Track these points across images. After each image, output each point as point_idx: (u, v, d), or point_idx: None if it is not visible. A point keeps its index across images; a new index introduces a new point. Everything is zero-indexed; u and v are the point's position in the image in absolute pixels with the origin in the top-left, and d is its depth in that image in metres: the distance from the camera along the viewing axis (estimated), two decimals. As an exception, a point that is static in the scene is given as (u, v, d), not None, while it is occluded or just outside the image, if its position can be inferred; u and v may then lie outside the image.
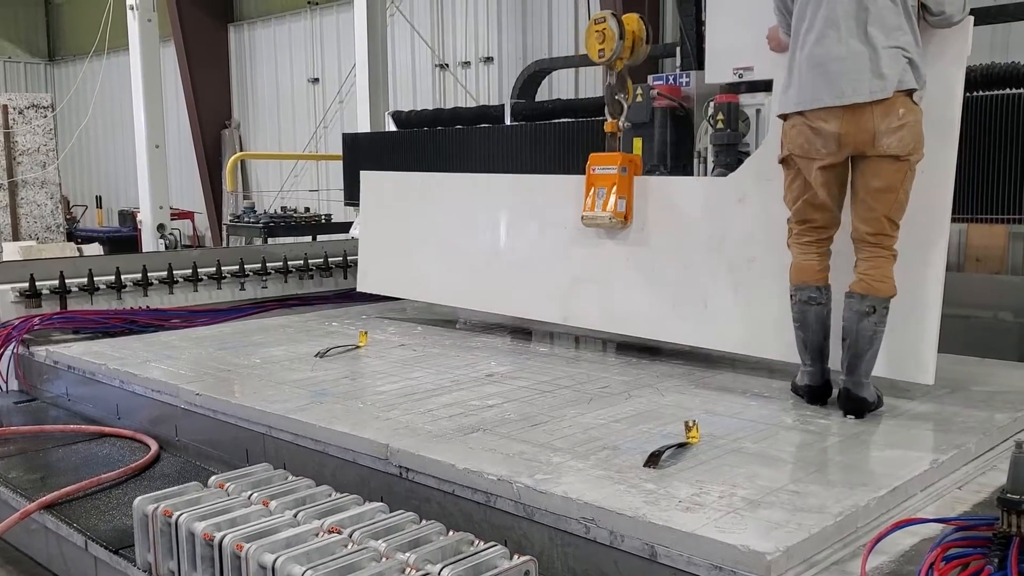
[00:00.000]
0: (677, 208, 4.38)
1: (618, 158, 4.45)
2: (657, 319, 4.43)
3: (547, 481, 2.71)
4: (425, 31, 11.24)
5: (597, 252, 4.62)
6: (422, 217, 5.53)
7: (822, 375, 3.54)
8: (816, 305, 3.46)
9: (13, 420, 4.84)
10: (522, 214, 5.01)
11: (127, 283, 5.94)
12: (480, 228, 5.23)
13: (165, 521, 2.79)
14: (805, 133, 3.34)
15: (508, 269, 5.07)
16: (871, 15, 3.23)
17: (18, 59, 19.55)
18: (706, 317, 4.22)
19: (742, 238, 4.08)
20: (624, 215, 4.42)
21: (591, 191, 4.49)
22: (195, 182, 15.03)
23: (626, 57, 4.45)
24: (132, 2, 10.40)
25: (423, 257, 5.49)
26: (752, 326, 4.05)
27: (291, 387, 3.99)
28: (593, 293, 4.67)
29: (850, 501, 2.54)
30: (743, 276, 4.07)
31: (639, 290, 4.47)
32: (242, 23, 14.59)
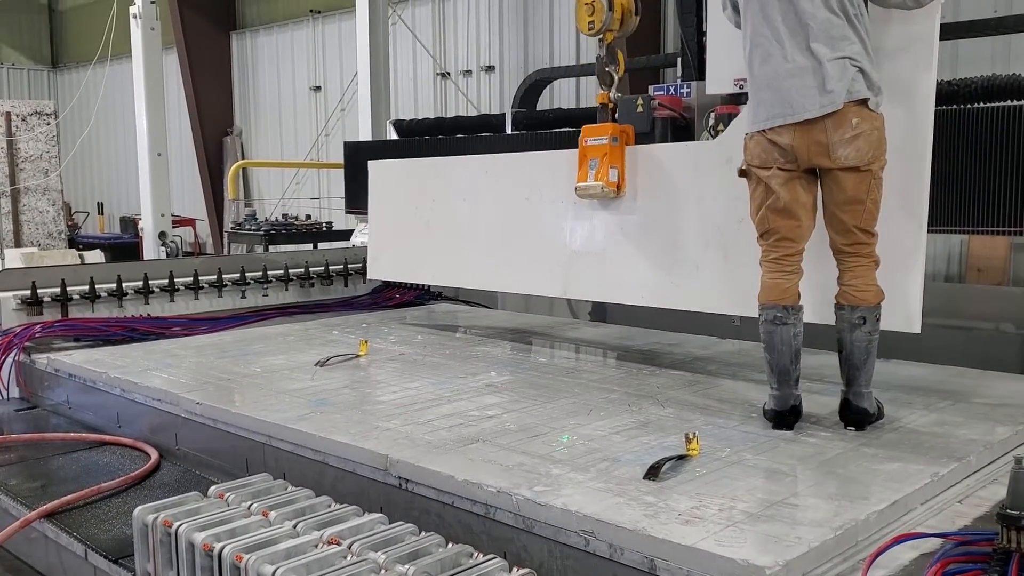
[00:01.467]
0: (667, 174, 4.41)
1: (609, 128, 4.47)
2: (652, 286, 4.49)
3: (546, 493, 2.71)
4: (427, 40, 11.27)
5: (592, 224, 4.69)
6: (426, 201, 5.65)
7: (789, 399, 3.44)
8: (782, 325, 3.38)
9: (14, 428, 4.84)
10: (521, 192, 5.07)
11: (128, 291, 5.93)
12: (481, 208, 5.33)
13: (165, 531, 2.79)
14: (762, 144, 3.35)
15: (509, 247, 5.16)
16: (812, 30, 3.21)
17: (22, 66, 19.60)
18: (699, 281, 4.26)
19: (731, 199, 4.07)
20: (616, 184, 4.45)
21: (584, 163, 4.53)
22: (197, 189, 15.05)
23: (616, 29, 4.48)
24: (135, 10, 10.43)
25: (428, 241, 5.61)
26: (743, 288, 3.97)
27: (291, 396, 3.99)
28: (590, 264, 4.73)
29: (850, 515, 2.54)
30: (733, 237, 4.09)
31: (634, 258, 4.52)
32: (244, 31, 14.63)
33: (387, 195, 5.99)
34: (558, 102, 9.45)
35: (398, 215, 5.86)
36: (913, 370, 4.39)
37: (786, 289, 3.40)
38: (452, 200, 5.49)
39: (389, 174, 6.11)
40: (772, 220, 3.39)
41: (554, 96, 9.39)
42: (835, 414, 3.57)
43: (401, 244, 5.85)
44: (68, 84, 19.36)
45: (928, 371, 4.34)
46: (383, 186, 6.06)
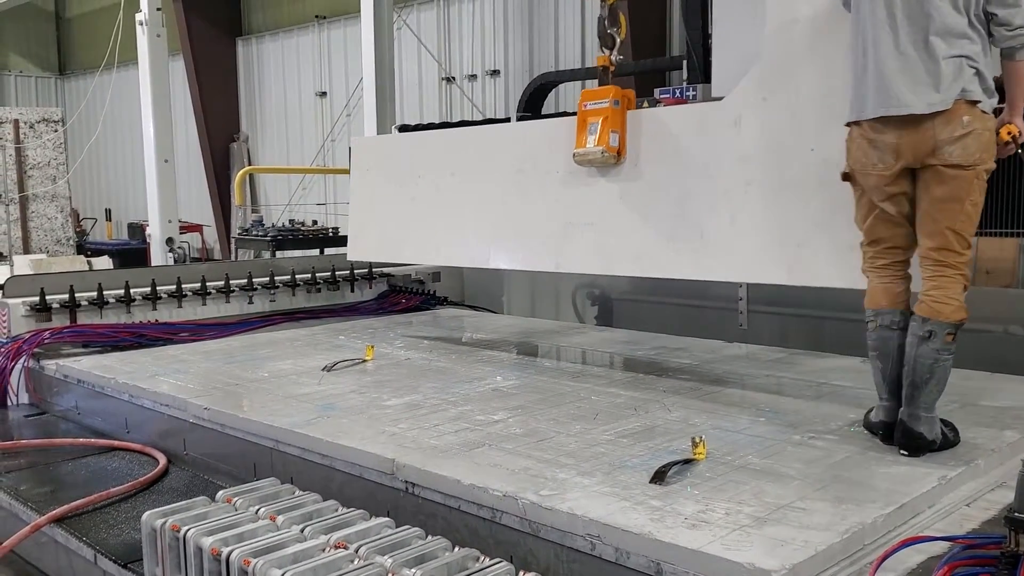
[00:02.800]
0: (671, 138, 4.26)
1: (610, 91, 4.35)
2: (652, 256, 4.32)
3: (552, 497, 2.71)
4: (432, 45, 11.30)
5: (589, 193, 4.50)
6: (411, 177, 5.46)
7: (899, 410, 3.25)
8: (898, 331, 3.20)
9: (23, 433, 4.87)
10: (512, 163, 4.90)
11: (136, 297, 5.96)
12: (470, 182, 5.14)
13: (173, 536, 2.80)
14: (862, 146, 3.19)
15: (499, 221, 4.98)
16: (934, 21, 3.02)
17: (29, 73, 19.70)
18: (703, 248, 4.11)
19: (738, 162, 3.98)
20: (617, 150, 4.31)
21: (583, 128, 4.39)
22: (203, 195, 15.11)
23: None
24: (141, 18, 10.48)
25: (413, 218, 5.43)
26: (751, 253, 3.95)
27: (298, 401, 4.01)
28: (586, 236, 4.54)
29: (857, 518, 2.54)
30: (740, 201, 3.97)
31: (633, 227, 4.36)
32: (250, 37, 14.69)
33: (370, 172, 5.78)
34: (563, 106, 9.45)
35: (381, 192, 5.66)
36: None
37: (898, 294, 3.25)
38: (439, 174, 5.30)
39: (372, 150, 5.94)
40: (879, 229, 3.27)
41: (559, 100, 9.39)
42: (843, 418, 3.58)
43: (384, 222, 5.62)
44: (75, 91, 19.45)
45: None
46: (366, 163, 5.85)
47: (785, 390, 4.15)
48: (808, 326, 5.62)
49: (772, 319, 5.84)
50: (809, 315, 5.66)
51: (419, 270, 7.20)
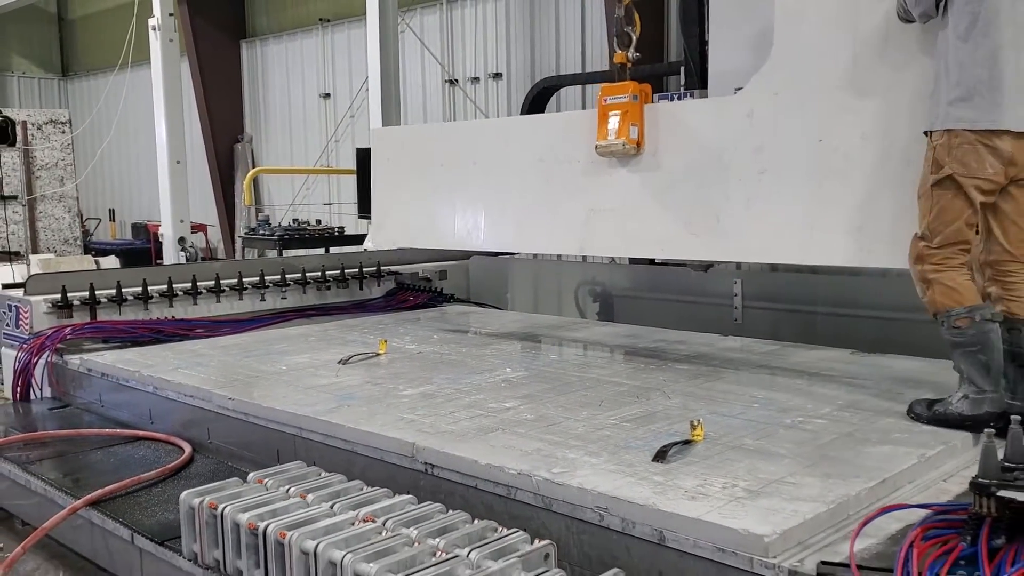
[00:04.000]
0: (688, 130, 4.54)
1: (629, 87, 4.62)
2: (671, 239, 4.61)
3: (564, 474, 2.94)
4: (435, 47, 11.50)
5: (611, 181, 4.77)
6: (434, 166, 5.71)
7: (1003, 400, 3.37)
8: (996, 322, 3.35)
9: (49, 425, 5.07)
10: (535, 153, 5.14)
11: (153, 294, 6.14)
12: (492, 170, 5.40)
13: (211, 513, 3.02)
14: (977, 153, 3.26)
15: (522, 208, 5.25)
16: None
17: (32, 75, 19.86)
18: (719, 232, 4.37)
19: (752, 152, 4.24)
20: (637, 141, 4.58)
21: (604, 121, 4.66)
22: (208, 195, 15.28)
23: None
24: (154, 23, 10.68)
25: (436, 206, 5.66)
26: (766, 235, 4.24)
27: (318, 392, 4.22)
28: (609, 222, 4.82)
29: (842, 491, 2.77)
30: (754, 189, 4.23)
31: (653, 213, 4.63)
32: (254, 39, 14.87)
33: (392, 162, 6.03)
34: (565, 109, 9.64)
35: (402, 181, 5.91)
36: (908, 363, 4.61)
37: (980, 290, 3.43)
38: (462, 163, 5.56)
39: (394, 140, 6.22)
40: (965, 233, 3.36)
41: (561, 103, 9.59)
42: (832, 404, 3.80)
43: (406, 210, 5.87)
44: (79, 92, 19.61)
45: (922, 364, 4.55)
46: (388, 153, 6.08)
47: (778, 379, 4.38)
48: (800, 320, 5.84)
49: (765, 314, 6.06)
50: (801, 310, 5.88)
51: (426, 268, 7.41)
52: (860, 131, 3.87)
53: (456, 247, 5.96)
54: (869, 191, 3.87)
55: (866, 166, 3.86)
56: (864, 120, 3.86)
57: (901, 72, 3.73)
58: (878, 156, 3.82)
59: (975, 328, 3.34)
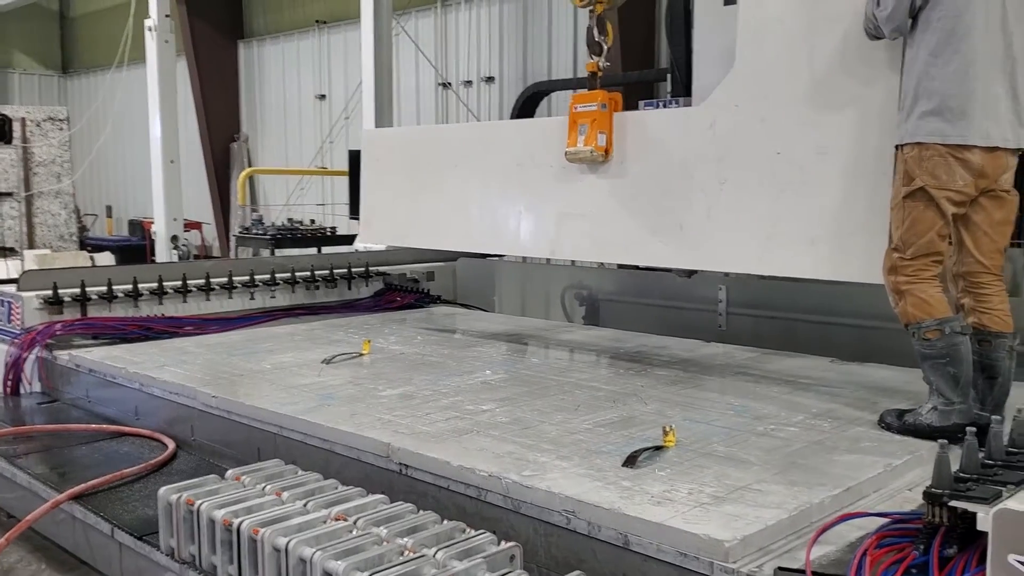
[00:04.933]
0: (653, 139, 4.64)
1: (598, 95, 4.73)
2: (637, 245, 4.73)
3: (533, 477, 2.99)
4: (429, 50, 11.58)
5: (581, 187, 4.89)
6: (418, 167, 5.84)
7: (972, 411, 3.42)
8: (965, 335, 3.40)
9: (37, 420, 5.12)
10: (512, 157, 5.28)
11: (143, 292, 6.19)
12: (472, 173, 5.54)
13: (188, 509, 3.07)
14: (948, 165, 3.32)
15: (498, 210, 5.38)
16: (1018, 63, 3.31)
17: (33, 71, 19.93)
18: (682, 240, 4.49)
19: (714, 162, 4.34)
20: (605, 149, 4.69)
21: (574, 129, 4.77)
22: (203, 193, 15.34)
23: (606, 2, 4.75)
24: (150, 24, 10.75)
25: (419, 205, 5.80)
26: (726, 245, 4.32)
27: (300, 391, 4.28)
28: (579, 226, 4.96)
29: (806, 498, 2.82)
30: (715, 198, 4.33)
31: (620, 219, 4.75)
32: (251, 40, 14.95)
33: (379, 162, 6.17)
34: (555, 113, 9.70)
35: (390, 181, 6.04)
36: (885, 373, 4.66)
37: (952, 302, 3.48)
38: (443, 166, 5.69)
39: (382, 141, 6.36)
40: (938, 244, 3.41)
41: (552, 107, 9.66)
42: (807, 411, 3.86)
43: (392, 209, 6.02)
44: (78, 89, 19.67)
45: (900, 374, 4.59)
46: (376, 153, 6.24)
47: (755, 386, 4.43)
48: (783, 327, 5.89)
49: (750, 320, 6.12)
50: (784, 317, 5.94)
51: (414, 269, 7.47)
52: (817, 145, 3.95)
53: (436, 247, 6.12)
54: (823, 205, 3.95)
55: (822, 180, 3.94)
56: (821, 135, 3.93)
57: (858, 89, 3.81)
58: (834, 171, 3.90)
59: (944, 340, 3.39)
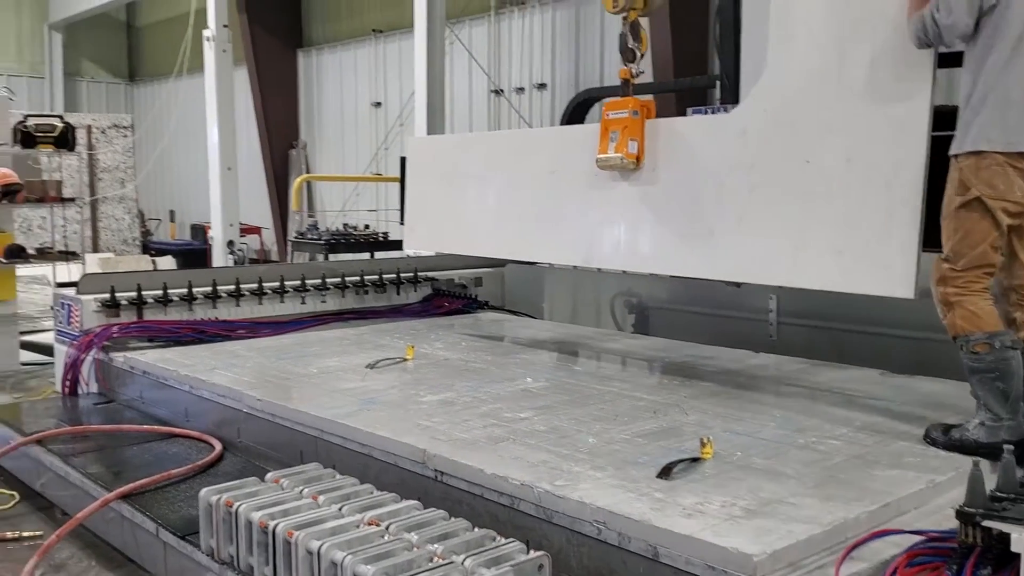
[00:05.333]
0: (684, 146, 4.57)
1: (630, 102, 4.67)
2: (667, 254, 4.67)
3: (565, 487, 2.99)
4: (482, 58, 11.65)
5: (612, 195, 4.84)
6: (457, 174, 5.88)
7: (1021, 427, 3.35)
8: (1016, 350, 3.32)
9: (92, 419, 5.27)
10: (546, 165, 5.25)
11: (198, 295, 6.32)
12: (508, 181, 5.55)
13: (227, 510, 3.14)
14: (1006, 175, 3.26)
15: (534, 218, 5.34)
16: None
17: (101, 79, 20.56)
18: (713, 249, 4.41)
19: (744, 169, 4.26)
20: (636, 156, 4.62)
21: (605, 136, 4.72)
22: (263, 199, 15.65)
23: (639, 8, 4.66)
24: (209, 34, 11.01)
25: (459, 213, 5.84)
26: (756, 255, 4.25)
27: (342, 395, 4.33)
28: (610, 235, 4.92)
29: (841, 513, 2.77)
30: (745, 207, 4.26)
31: (651, 227, 4.71)
32: (311, 49, 15.22)
33: (422, 169, 6.24)
34: (608, 119, 9.67)
35: (432, 188, 6.09)
36: (935, 386, 4.55)
37: (1003, 316, 3.41)
38: (478, 173, 5.73)
39: (425, 149, 6.45)
40: (991, 256, 3.35)
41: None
42: (850, 424, 3.79)
43: (434, 216, 6.08)
44: (143, 97, 20.22)
45: (950, 387, 4.49)
46: (419, 160, 6.32)
47: (801, 398, 4.36)
48: (834, 339, 5.79)
49: (800, 331, 6.02)
50: (836, 328, 5.83)
51: (462, 275, 7.51)
52: (845, 153, 3.86)
53: (472, 253, 6.14)
54: (851, 215, 3.86)
55: (849, 189, 3.86)
56: (849, 142, 3.85)
57: (887, 95, 3.72)
58: (861, 180, 3.82)
59: (994, 355, 3.32)
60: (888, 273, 3.73)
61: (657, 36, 9.30)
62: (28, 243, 9.79)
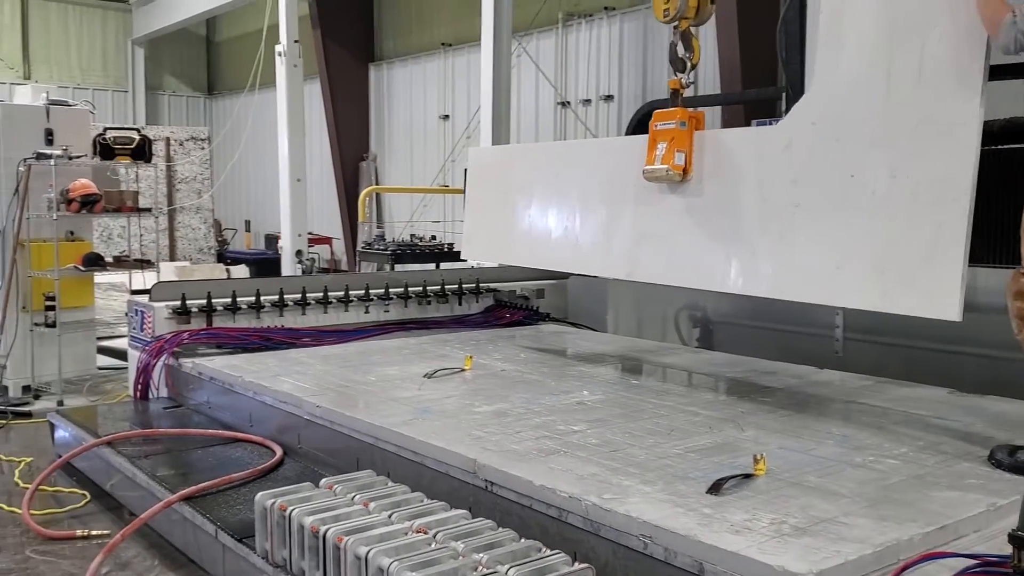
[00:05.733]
0: (730, 159, 4.46)
1: (678, 113, 4.57)
2: (710, 269, 4.54)
3: (613, 501, 2.98)
4: (549, 70, 11.71)
5: (659, 207, 4.75)
6: (512, 185, 5.87)
7: None
8: None
9: (162, 423, 5.45)
10: (596, 176, 5.19)
11: (265, 304, 6.47)
12: (558, 191, 5.50)
13: (280, 514, 3.21)
14: None
15: (581, 229, 5.29)
16: None
17: (181, 93, 21.26)
18: (754, 266, 4.29)
19: (788, 184, 4.15)
20: (683, 168, 4.52)
21: (653, 146, 4.63)
22: (335, 210, 15.96)
23: (691, 16, 4.57)
24: (280, 49, 11.31)
25: (513, 223, 5.81)
26: (798, 273, 4.13)
27: (399, 404, 4.39)
28: (656, 247, 4.82)
29: (895, 534, 2.70)
30: (788, 223, 4.13)
31: (696, 241, 4.59)
32: (382, 62, 15.49)
33: (480, 179, 6.27)
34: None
35: (488, 198, 6.11)
36: (1007, 406, 4.41)
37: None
38: (529, 183, 5.71)
39: (484, 159, 6.48)
40: None
41: (670, 126, 9.59)
42: (911, 444, 3.69)
43: (491, 226, 6.08)
44: (221, 110, 20.83)
45: (1019, 407, 4.35)
46: (478, 171, 6.36)
47: (862, 416, 4.27)
48: (903, 356, 5.64)
49: (868, 348, 5.88)
50: (905, 345, 5.68)
51: (524, 286, 7.54)
52: (890, 169, 3.72)
53: (522, 264, 6.10)
54: (895, 232, 3.72)
55: (893, 205, 3.73)
56: (895, 157, 3.71)
57: (933, 110, 3.59)
58: (906, 196, 3.67)
59: None
60: (932, 294, 3.57)
61: (726, 46, 9.22)
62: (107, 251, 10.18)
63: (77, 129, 7.55)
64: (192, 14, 17.43)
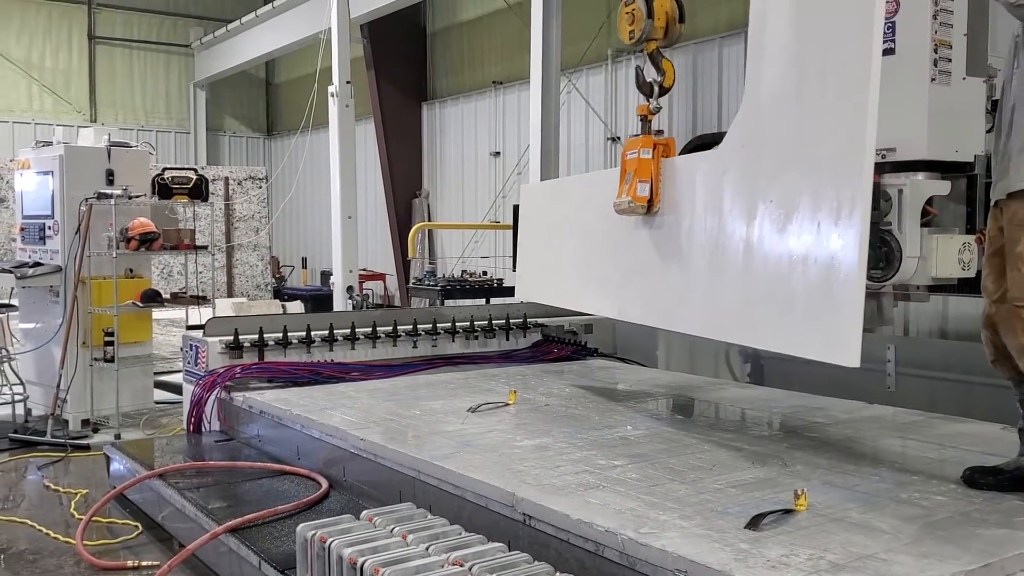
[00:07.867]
0: (685, 189, 4.22)
1: (640, 142, 4.30)
2: (673, 309, 4.31)
3: (649, 535, 2.97)
4: (599, 106, 11.79)
5: (635, 241, 4.53)
6: (549, 219, 5.76)
7: None
8: None
9: (213, 456, 5.56)
10: (597, 210, 4.90)
11: (316, 339, 6.59)
12: (571, 228, 5.38)
13: (321, 546, 3.26)
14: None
15: (585, 266, 5.13)
16: None
17: (241, 134, 21.84)
18: (712, 306, 4.04)
19: (725, 212, 3.91)
20: (647, 199, 4.24)
21: (623, 177, 4.38)
22: (389, 246, 16.19)
23: (659, 39, 4.33)
24: (333, 90, 11.60)
25: (546, 259, 5.70)
26: (720, 309, 3.91)
27: (442, 437, 4.43)
28: (635, 284, 4.61)
29: (936, 572, 2.65)
30: (719, 253, 3.91)
31: (660, 277, 4.37)
32: (434, 101, 15.75)
33: (528, 215, 6.22)
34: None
35: (533, 234, 6.03)
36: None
37: None
38: (558, 218, 5.58)
39: (531, 195, 6.45)
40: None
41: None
42: (958, 481, 3.61)
43: (535, 265, 5.95)
44: (279, 150, 21.33)
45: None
46: (526, 207, 6.31)
47: (909, 452, 4.19)
48: (958, 391, 5.52)
49: (921, 383, 5.77)
50: (959, 380, 5.56)
51: (572, 321, 7.55)
52: (799, 192, 3.50)
53: (558, 305, 5.88)
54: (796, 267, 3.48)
55: (798, 236, 3.48)
56: (804, 180, 3.49)
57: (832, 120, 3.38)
58: (809, 224, 3.43)
59: None
60: (829, 337, 3.35)
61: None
62: (167, 288, 10.45)
63: (137, 169, 7.82)
64: (250, 57, 17.95)
